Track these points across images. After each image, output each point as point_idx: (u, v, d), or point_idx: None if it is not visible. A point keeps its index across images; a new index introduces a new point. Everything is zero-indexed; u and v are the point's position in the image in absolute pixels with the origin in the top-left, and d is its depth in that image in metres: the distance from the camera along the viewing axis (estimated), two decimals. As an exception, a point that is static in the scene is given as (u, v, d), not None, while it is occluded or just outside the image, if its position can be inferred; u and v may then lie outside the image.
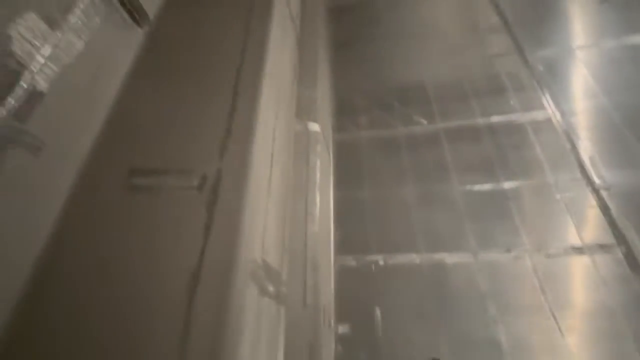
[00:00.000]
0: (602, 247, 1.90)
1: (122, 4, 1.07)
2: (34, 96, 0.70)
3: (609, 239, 1.91)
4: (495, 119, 2.43)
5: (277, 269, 1.08)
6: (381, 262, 1.99)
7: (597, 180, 2.07)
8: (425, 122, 2.56)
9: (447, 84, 2.71)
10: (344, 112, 2.73)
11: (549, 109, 2.39)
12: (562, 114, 2.35)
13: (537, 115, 2.38)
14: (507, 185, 2.16)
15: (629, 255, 1.84)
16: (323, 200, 2.00)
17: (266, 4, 1.44)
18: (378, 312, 1.83)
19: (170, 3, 1.30)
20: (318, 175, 1.93)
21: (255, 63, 1.19)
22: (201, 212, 0.81)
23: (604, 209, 2.00)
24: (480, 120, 2.44)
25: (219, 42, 1.28)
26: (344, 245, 2.00)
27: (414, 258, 1.97)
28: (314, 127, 2.07)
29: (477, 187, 2.19)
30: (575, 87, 2.50)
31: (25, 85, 0.67)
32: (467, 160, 2.30)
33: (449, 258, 1.95)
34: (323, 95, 2.49)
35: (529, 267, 1.87)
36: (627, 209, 1.97)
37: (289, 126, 1.77)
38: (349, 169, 2.41)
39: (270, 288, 0.97)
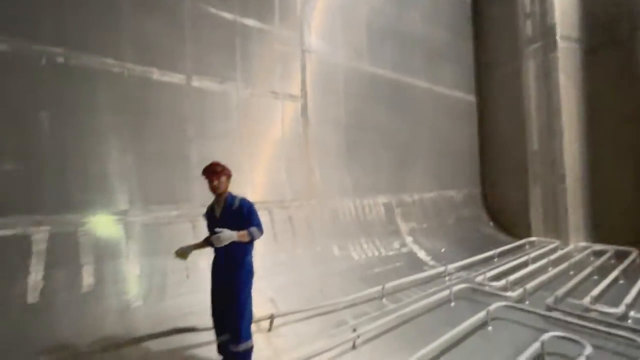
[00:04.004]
0: (291, 97, 2.38)
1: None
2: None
3: (297, 92, 2.40)
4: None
5: None
6: (59, 59, 1.53)
7: (306, 43, 2.44)
8: None
9: None
10: None
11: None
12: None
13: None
14: (244, 20, 2.11)
15: (304, 106, 2.44)
16: None
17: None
18: (45, 116, 1.49)
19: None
20: None
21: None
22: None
23: (303, 69, 2.44)
24: None
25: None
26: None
27: (113, 65, 1.66)
28: None
29: (213, 11, 2.00)
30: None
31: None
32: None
33: (159, 75, 1.80)
34: None
35: (234, 101, 2.07)
36: (317, 73, 2.51)
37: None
38: None
39: None
